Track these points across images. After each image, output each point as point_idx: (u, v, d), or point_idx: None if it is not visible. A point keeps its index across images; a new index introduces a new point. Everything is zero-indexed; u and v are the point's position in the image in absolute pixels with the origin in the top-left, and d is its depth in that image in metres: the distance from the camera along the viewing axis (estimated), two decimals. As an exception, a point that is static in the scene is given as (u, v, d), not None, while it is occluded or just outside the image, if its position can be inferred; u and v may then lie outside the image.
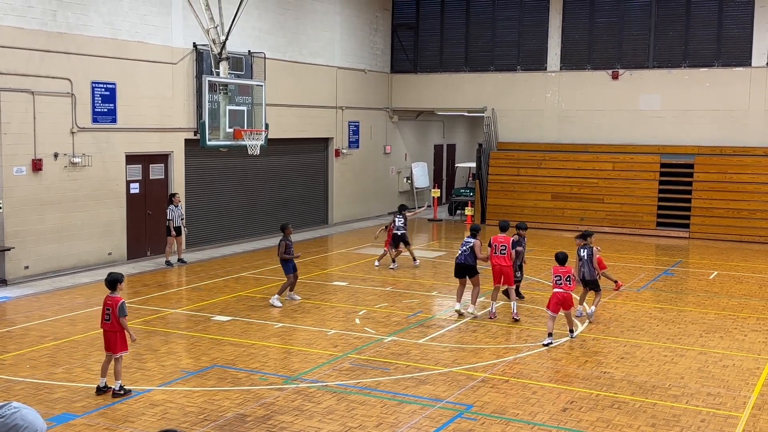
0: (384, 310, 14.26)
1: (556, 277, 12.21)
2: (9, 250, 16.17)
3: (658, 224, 25.11)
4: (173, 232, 18.48)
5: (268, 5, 22.83)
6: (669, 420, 9.06)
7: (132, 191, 19.18)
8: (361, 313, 14.03)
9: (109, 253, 18.52)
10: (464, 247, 13.94)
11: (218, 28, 18.30)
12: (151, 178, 19.74)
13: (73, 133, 17.41)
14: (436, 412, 9.21)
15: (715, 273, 18.57)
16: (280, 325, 13.17)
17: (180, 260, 18.88)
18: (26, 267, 16.63)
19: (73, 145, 17.41)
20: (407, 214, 19.13)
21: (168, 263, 18.62)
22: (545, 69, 27.55)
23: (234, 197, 22.55)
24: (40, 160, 16.71)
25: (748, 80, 24.81)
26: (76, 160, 17.45)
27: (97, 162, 18.00)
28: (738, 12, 25.00)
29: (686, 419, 9.10)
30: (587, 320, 13.45)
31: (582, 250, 13.84)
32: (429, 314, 14.30)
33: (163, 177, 20.05)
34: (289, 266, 14.73)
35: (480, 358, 11.40)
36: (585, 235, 14.21)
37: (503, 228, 14.34)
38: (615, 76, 26.49)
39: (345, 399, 9.61)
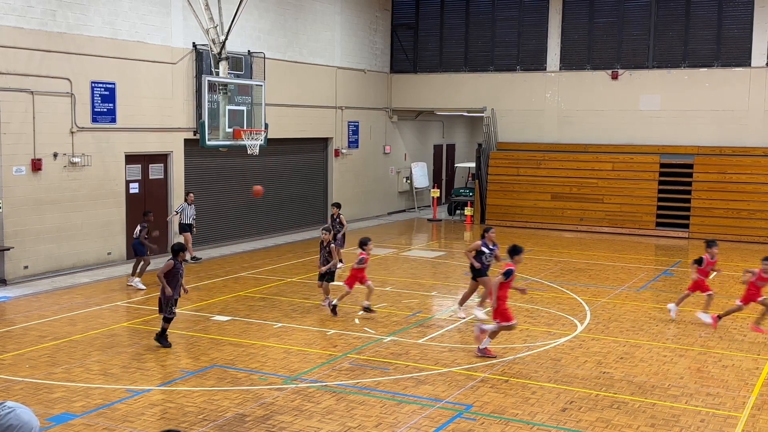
0: (383, 310, 14.25)
1: None
2: (8, 249, 16.17)
3: (658, 224, 25.11)
4: (183, 229, 18.58)
5: (267, 5, 22.83)
6: (668, 420, 9.07)
7: (131, 191, 19.17)
8: (360, 313, 14.03)
9: (109, 253, 18.52)
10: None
11: (218, 28, 18.30)
12: (150, 178, 19.74)
13: (72, 132, 17.41)
14: (435, 412, 9.21)
15: (714, 273, 18.54)
16: (280, 325, 13.17)
17: (194, 258, 18.97)
18: (26, 267, 16.62)
19: (72, 145, 17.41)
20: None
21: (194, 259, 18.98)
22: (545, 69, 27.56)
23: (233, 197, 22.55)
24: (40, 159, 16.71)
25: (748, 80, 24.82)
26: (76, 159, 17.45)
27: (97, 162, 17.99)
28: (737, 12, 25.01)
29: (686, 419, 9.11)
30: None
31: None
32: (428, 314, 14.30)
33: (162, 177, 20.05)
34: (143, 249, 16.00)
35: (479, 358, 11.39)
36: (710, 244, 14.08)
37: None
38: (615, 77, 26.49)
39: (344, 399, 9.61)
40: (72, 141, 17.40)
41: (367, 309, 13.72)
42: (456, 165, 34.11)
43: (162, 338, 11.77)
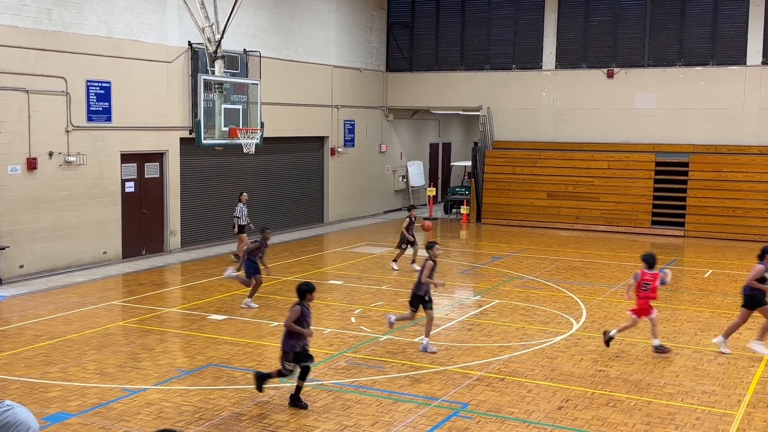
0: (380, 309, 14.26)
1: (644, 282, 11.40)
2: (4, 249, 16.13)
3: (653, 223, 25.15)
4: (237, 230, 18.50)
5: (263, 3, 22.80)
6: (664, 418, 9.08)
7: (127, 190, 19.14)
8: (356, 311, 14.03)
9: (104, 252, 18.49)
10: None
11: (213, 26, 18.28)
12: (146, 177, 19.71)
13: (67, 131, 17.37)
14: (431, 411, 9.22)
15: (710, 271, 18.61)
16: (276, 324, 13.16)
17: (235, 255, 18.81)
18: (21, 266, 16.59)
19: (67, 144, 17.37)
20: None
21: None
22: (540, 68, 27.58)
23: (229, 196, 22.49)
24: (35, 158, 16.67)
25: (743, 79, 24.86)
26: (71, 158, 17.41)
27: (92, 161, 17.96)
28: (733, 11, 25.05)
29: (681, 417, 9.12)
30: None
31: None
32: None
33: (158, 176, 20.02)
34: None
35: (476, 356, 11.40)
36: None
37: (649, 263, 11.73)
38: (610, 75, 26.53)
39: (341, 398, 9.61)
40: (67, 140, 17.36)
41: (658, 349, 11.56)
42: (452, 163, 34.12)
43: (297, 399, 9.31)
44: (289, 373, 9.29)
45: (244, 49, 21.65)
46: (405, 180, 30.99)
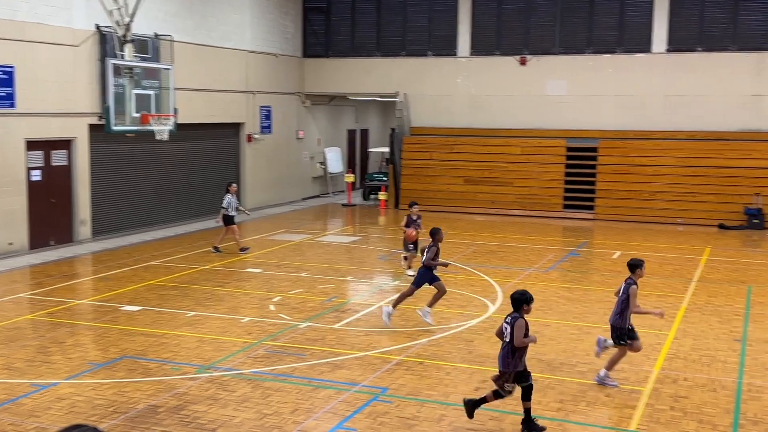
0: (299, 296, 14.21)
1: None
2: None
3: (565, 206, 25.86)
4: (223, 221, 18.29)
5: (174, -14, 22.23)
6: (576, 396, 9.39)
7: (33, 178, 18.42)
8: (276, 299, 13.95)
9: (10, 243, 17.76)
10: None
11: (122, 9, 17.74)
12: (53, 164, 19.01)
13: (-33, 118, 16.58)
14: (351, 396, 9.27)
15: (619, 253, 19.28)
16: (193, 313, 12.96)
17: (215, 248, 18.42)
18: None
19: (-32, 131, 16.57)
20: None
21: (243, 250, 18.34)
22: (456, 54, 27.87)
23: (142, 184, 21.97)
24: (-68, 146, 15.85)
25: (649, 66, 25.76)
26: (-28, 146, 16.63)
27: (-5, 148, 17.19)
28: (639, 0, 25.87)
29: (592, 394, 9.45)
30: None
31: None
32: (344, 299, 14.34)
33: (66, 164, 19.34)
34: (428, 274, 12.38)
35: (395, 341, 11.51)
36: None
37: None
38: (523, 62, 27.04)
39: (260, 386, 9.54)
40: (-33, 126, 16.57)
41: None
42: (370, 150, 34.20)
43: (530, 421, 8.37)
44: (509, 394, 8.36)
45: (155, 33, 21.08)
46: (323, 166, 30.89)
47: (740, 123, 24.82)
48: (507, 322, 8.36)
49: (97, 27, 19.44)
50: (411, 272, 15.56)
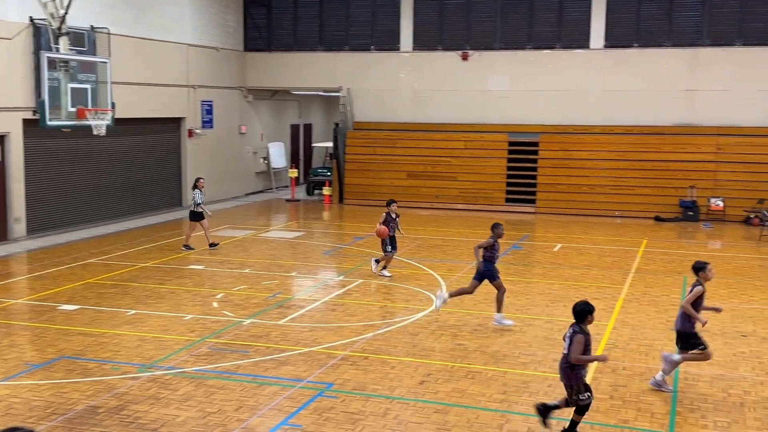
0: (243, 293, 14.07)
1: None
2: None
3: (507, 200, 26.18)
4: (191, 217, 18.12)
5: (111, -22, 21.73)
6: (519, 387, 9.52)
7: (-36, 175, 17.83)
8: (219, 296, 13.79)
9: (-60, 243, 17.17)
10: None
11: (57, 1, 17.28)
12: (-15, 160, 18.44)
13: None
14: (296, 392, 9.22)
15: (559, 245, 19.61)
16: (133, 312, 12.72)
17: (212, 245, 18.25)
18: None
19: None
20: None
21: (187, 247, 18.04)
22: (398, 49, 27.93)
23: (80, 180, 21.46)
24: None
25: (587, 62, 26.23)
26: None
27: (-77, 144, 16.58)
28: (577, -4, 26.30)
29: (535, 385, 9.60)
30: None
31: None
32: (289, 295, 14.26)
33: (-1, 160, 18.78)
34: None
35: (340, 336, 11.50)
36: None
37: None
38: (465, 57, 27.24)
39: (203, 384, 9.43)
40: None
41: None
42: (313, 145, 34.06)
43: None
44: (587, 404, 7.98)
45: (92, 26, 20.57)
46: (266, 161, 30.64)
47: (675, 117, 25.48)
48: (568, 334, 7.93)
49: (31, 19, 18.89)
50: (387, 273, 15.51)
